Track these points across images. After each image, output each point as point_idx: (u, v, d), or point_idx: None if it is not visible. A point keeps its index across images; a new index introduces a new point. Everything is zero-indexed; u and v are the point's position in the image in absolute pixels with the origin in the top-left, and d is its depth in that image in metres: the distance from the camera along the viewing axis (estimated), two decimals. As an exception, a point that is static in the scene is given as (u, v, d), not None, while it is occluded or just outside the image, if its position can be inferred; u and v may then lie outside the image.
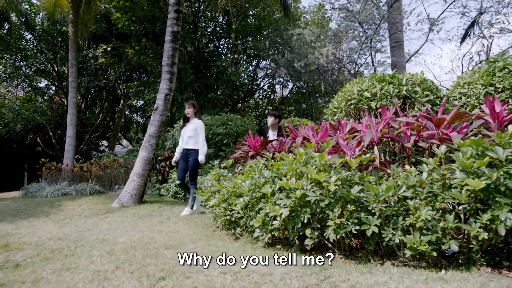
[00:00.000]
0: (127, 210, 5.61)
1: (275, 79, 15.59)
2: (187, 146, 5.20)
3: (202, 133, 5.16)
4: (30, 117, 14.26)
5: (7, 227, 4.63)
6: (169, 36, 6.41)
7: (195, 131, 5.16)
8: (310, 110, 14.05)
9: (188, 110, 5.32)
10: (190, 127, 5.24)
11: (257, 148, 4.36)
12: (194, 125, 5.20)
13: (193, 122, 5.25)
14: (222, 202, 3.47)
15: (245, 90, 15.40)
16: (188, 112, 5.32)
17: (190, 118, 5.35)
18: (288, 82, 15.68)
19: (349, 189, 2.47)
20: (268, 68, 15.43)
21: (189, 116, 5.34)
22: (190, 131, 5.20)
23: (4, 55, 14.61)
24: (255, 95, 16.37)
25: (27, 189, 9.03)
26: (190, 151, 5.16)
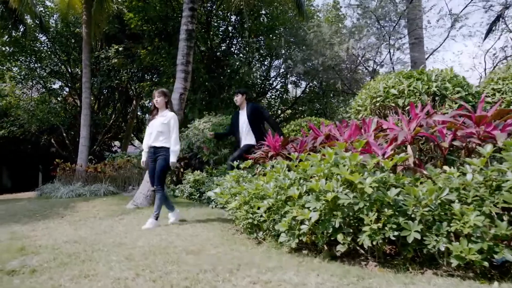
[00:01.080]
0: (142, 211, 5.51)
1: (287, 78, 15.42)
2: (156, 143, 4.33)
3: (176, 128, 4.35)
4: (44, 118, 14.37)
5: (22, 228, 4.56)
6: (184, 35, 6.30)
7: (167, 126, 4.33)
8: (324, 110, 13.80)
9: (157, 99, 4.42)
10: (160, 120, 4.36)
11: (277, 148, 4.20)
12: (166, 118, 4.35)
13: (165, 115, 4.39)
14: (243, 204, 3.31)
15: (258, 89, 15.25)
16: (158, 102, 4.42)
17: (160, 109, 4.46)
18: (300, 82, 15.49)
19: (385, 192, 2.29)
20: (280, 67, 15.26)
21: (158, 106, 4.45)
22: (160, 125, 4.33)
23: (19, 57, 14.76)
24: (267, 95, 16.21)
25: (42, 190, 9.05)
26: (159, 149, 4.31)
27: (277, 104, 16.46)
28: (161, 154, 4.28)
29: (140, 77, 15.82)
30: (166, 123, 4.33)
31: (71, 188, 8.18)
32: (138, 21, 12.07)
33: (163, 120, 4.36)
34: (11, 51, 14.41)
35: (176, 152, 4.30)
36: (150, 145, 4.38)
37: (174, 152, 4.28)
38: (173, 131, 4.32)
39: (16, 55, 14.63)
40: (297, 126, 6.52)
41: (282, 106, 16.53)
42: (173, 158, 4.26)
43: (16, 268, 2.55)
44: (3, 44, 14.16)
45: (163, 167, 4.27)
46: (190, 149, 7.43)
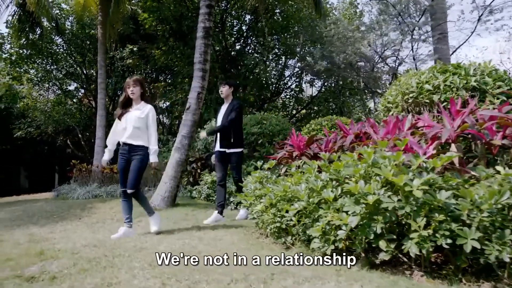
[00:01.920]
0: (160, 213, 5.34)
1: (302, 78, 15.18)
2: (131, 141, 3.72)
3: (155, 124, 3.83)
4: (60, 119, 14.49)
5: (41, 230, 4.47)
6: (201, 32, 6.15)
7: (144, 121, 3.74)
8: (341, 108, 13.51)
9: (133, 89, 3.76)
10: (136, 114, 3.75)
11: (302, 147, 4.00)
12: (144, 112, 3.77)
13: (141, 108, 3.79)
14: (269, 207, 3.12)
15: (272, 89, 15.07)
16: (133, 92, 3.76)
17: (135, 101, 3.82)
18: (315, 81, 15.23)
19: (434, 194, 2.07)
20: (295, 66, 15.04)
21: (133, 97, 3.80)
22: (136, 119, 3.72)
23: (36, 59, 14.92)
24: (282, 94, 16.01)
25: (58, 191, 9.04)
26: (136, 148, 3.70)
27: (292, 103, 16.25)
28: (137, 153, 3.72)
29: (154, 77, 15.82)
30: (144, 117, 3.76)
31: (88, 189, 8.14)
32: (152, 21, 12.04)
33: (140, 114, 3.77)
34: (29, 54, 14.57)
35: (157, 151, 3.80)
36: (124, 142, 3.78)
37: (155, 151, 3.78)
38: (152, 126, 3.79)
39: (33, 58, 14.79)
40: (318, 125, 6.31)
41: (296, 106, 16.30)
42: (154, 158, 3.77)
43: (35, 275, 2.42)
44: (20, 47, 14.32)
45: (140, 168, 3.71)
46: (207, 149, 7.29)
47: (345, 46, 8.53)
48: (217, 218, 4.49)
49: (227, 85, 4.78)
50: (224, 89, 4.76)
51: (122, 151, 3.80)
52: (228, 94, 4.76)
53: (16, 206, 7.31)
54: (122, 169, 3.80)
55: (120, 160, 3.80)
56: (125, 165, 3.78)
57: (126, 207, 3.85)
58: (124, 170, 3.78)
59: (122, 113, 3.86)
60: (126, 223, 3.81)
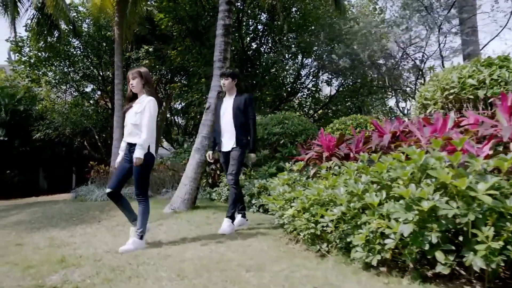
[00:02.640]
0: (180, 216, 5.21)
1: (319, 77, 14.89)
2: (130, 139, 3.34)
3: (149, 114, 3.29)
4: (78, 120, 14.58)
5: (61, 234, 4.37)
6: (221, 30, 5.97)
7: (141, 115, 3.29)
8: (360, 108, 13.16)
9: (132, 81, 3.38)
10: (134, 109, 3.35)
11: (331, 148, 3.76)
12: (141, 105, 3.32)
13: (141, 101, 3.38)
14: (302, 212, 2.91)
15: (289, 89, 14.83)
16: (133, 85, 3.38)
17: (138, 94, 3.44)
18: (332, 80, 14.91)
19: (503, 200, 1.82)
20: (312, 65, 14.76)
21: (134, 90, 3.42)
22: (134, 115, 3.32)
23: (54, 62, 15.06)
24: (298, 94, 15.74)
25: (77, 192, 9.02)
26: (134, 147, 3.26)
27: (308, 103, 15.96)
28: None
29: (169, 78, 15.79)
30: (141, 112, 3.31)
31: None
32: (168, 22, 11.96)
33: (138, 107, 3.34)
34: (47, 56, 14.71)
35: (143, 146, 3.21)
36: (125, 141, 3.44)
37: (141, 146, 3.20)
38: (145, 117, 3.27)
39: (51, 60, 14.93)
40: (342, 124, 6.05)
41: (313, 106, 16.01)
42: (138, 153, 3.17)
43: (57, 284, 2.27)
44: (39, 50, 14.48)
45: (140, 172, 3.27)
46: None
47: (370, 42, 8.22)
48: (242, 222, 4.24)
49: (230, 77, 4.19)
50: (226, 81, 4.18)
51: (126, 151, 3.41)
52: (231, 87, 4.21)
53: (35, 208, 7.29)
54: (121, 169, 3.41)
55: (125, 159, 3.42)
56: (126, 165, 3.36)
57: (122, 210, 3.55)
58: (123, 170, 3.38)
59: (127, 109, 3.52)
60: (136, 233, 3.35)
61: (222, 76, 4.31)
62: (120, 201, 3.48)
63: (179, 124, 22.11)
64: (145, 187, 3.43)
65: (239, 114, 4.08)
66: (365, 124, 5.89)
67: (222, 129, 4.19)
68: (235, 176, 4.02)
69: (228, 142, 4.11)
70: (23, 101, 14.98)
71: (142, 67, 3.59)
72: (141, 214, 3.35)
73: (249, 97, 4.18)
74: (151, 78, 3.57)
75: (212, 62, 6.22)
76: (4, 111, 13.88)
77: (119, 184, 3.42)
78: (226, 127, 4.14)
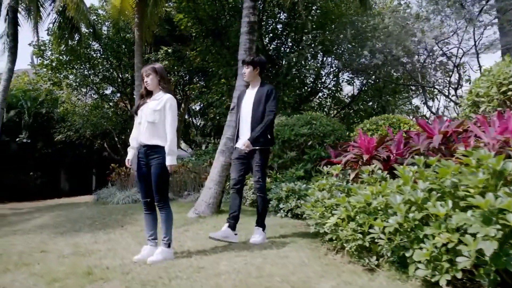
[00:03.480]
0: (205, 221, 5.01)
1: (339, 77, 14.52)
2: (147, 140, 3.06)
3: (172, 116, 3.06)
4: (98, 122, 14.69)
5: (84, 239, 4.22)
6: (245, 27, 5.75)
7: (161, 113, 3.04)
8: (383, 107, 12.71)
9: (147, 78, 3.09)
10: (151, 106, 3.07)
11: (371, 150, 3.47)
12: (160, 102, 3.06)
13: (158, 98, 3.10)
14: (347, 221, 2.63)
15: (309, 89, 14.50)
16: (148, 82, 3.09)
17: (154, 91, 3.14)
18: (354, 79, 14.50)
19: None
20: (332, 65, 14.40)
21: (150, 88, 3.13)
22: (152, 113, 3.04)
23: (74, 65, 15.23)
24: (319, 94, 15.40)
25: (98, 195, 8.97)
26: (153, 150, 3.04)
27: (328, 103, 15.59)
28: (156, 156, 3.02)
29: (188, 79, 15.72)
30: (160, 109, 3.03)
31: (127, 194, 7.97)
32: (188, 22, 11.84)
33: (156, 105, 3.05)
34: (68, 60, 14.89)
35: (173, 152, 3.01)
36: (141, 142, 3.11)
37: (172, 153, 2.98)
38: (168, 120, 3.03)
39: (72, 63, 15.10)
40: (373, 124, 5.73)
41: (333, 106, 15.63)
42: (170, 161, 2.97)
43: (85, 302, 2.07)
44: (60, 53, 14.66)
45: (159, 176, 3.00)
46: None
47: (402, 38, 7.81)
48: (226, 234, 3.50)
49: (251, 65, 3.64)
50: (247, 70, 3.67)
51: (140, 154, 3.14)
52: (253, 77, 3.69)
53: (58, 211, 7.25)
54: (141, 177, 3.15)
55: (140, 165, 3.14)
56: (144, 171, 3.12)
57: (150, 221, 3.21)
58: (144, 177, 3.13)
59: (139, 105, 3.21)
60: (150, 241, 3.18)
61: (242, 63, 3.84)
62: (152, 213, 3.22)
63: (197, 125, 22.09)
64: (166, 192, 3.17)
65: (259, 107, 3.55)
66: (398, 123, 5.55)
67: (241, 123, 3.70)
68: (261, 183, 3.58)
69: (245, 138, 3.57)
70: (45, 104, 15.21)
71: (156, 63, 3.32)
72: (164, 221, 3.09)
73: (272, 89, 3.64)
74: (166, 74, 3.29)
75: (232, 63, 6.01)
76: (27, 114, 14.10)
77: (150, 193, 3.12)
78: (245, 121, 3.64)
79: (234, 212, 3.62)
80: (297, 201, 5.15)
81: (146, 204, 3.18)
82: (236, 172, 3.67)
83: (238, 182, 3.62)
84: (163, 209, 3.09)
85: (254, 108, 3.58)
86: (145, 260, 2.94)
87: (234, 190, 3.68)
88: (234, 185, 3.66)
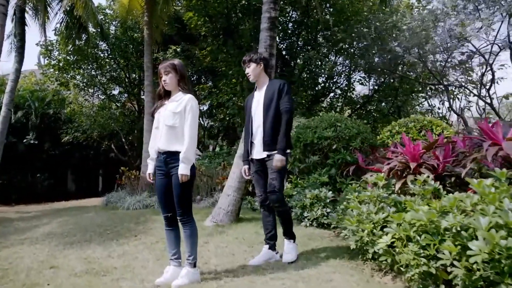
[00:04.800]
0: (225, 231, 4.67)
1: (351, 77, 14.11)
2: (166, 147, 2.71)
3: (192, 118, 2.68)
4: (105, 123, 14.44)
5: (97, 253, 3.90)
6: (266, 23, 5.39)
7: (181, 116, 2.69)
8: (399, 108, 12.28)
9: (165, 77, 2.75)
10: (170, 108, 2.72)
11: (417, 157, 3.10)
12: (180, 104, 2.71)
13: (177, 99, 2.75)
14: (404, 241, 2.27)
15: (321, 89, 14.12)
16: (167, 82, 2.75)
17: (172, 91, 2.80)
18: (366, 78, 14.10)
19: None
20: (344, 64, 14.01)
21: (168, 88, 2.78)
22: (171, 115, 2.69)
23: (82, 65, 15.00)
24: (331, 94, 15.01)
25: (107, 199, 8.66)
26: (173, 156, 2.68)
27: (340, 104, 15.19)
28: (177, 164, 2.63)
29: (196, 79, 15.41)
30: (180, 112, 2.68)
31: (138, 199, 7.65)
32: (198, 20, 11.53)
33: (176, 106, 2.70)
34: (75, 60, 14.66)
35: (188, 160, 2.60)
36: (159, 149, 2.76)
37: (186, 160, 2.59)
38: (188, 122, 2.66)
39: (79, 63, 14.88)
40: (403, 127, 5.34)
41: (345, 107, 15.22)
42: (183, 169, 2.57)
43: None
44: (67, 53, 14.44)
45: (184, 187, 2.64)
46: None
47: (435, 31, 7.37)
48: (268, 256, 3.20)
49: (253, 62, 3.21)
50: (250, 68, 3.22)
51: (158, 162, 2.78)
52: (258, 74, 3.25)
53: (66, 217, 6.93)
54: (161, 188, 2.78)
55: (158, 175, 2.79)
56: (164, 182, 2.75)
57: (172, 239, 2.84)
58: (164, 189, 2.76)
59: (156, 107, 2.87)
60: (173, 261, 2.82)
61: (243, 64, 3.33)
62: (175, 229, 2.86)
63: (204, 126, 21.78)
64: (189, 205, 2.76)
65: (271, 108, 3.09)
66: (429, 126, 5.16)
67: (254, 130, 3.24)
68: (277, 193, 3.07)
69: (261, 146, 3.15)
70: (52, 104, 14.98)
71: (175, 59, 2.92)
72: (188, 237, 2.73)
73: (283, 83, 3.17)
74: (186, 72, 2.92)
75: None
76: (35, 115, 13.87)
77: (171, 207, 2.78)
78: (258, 126, 3.20)
79: (270, 231, 3.25)
80: (323, 210, 4.80)
81: (167, 220, 2.83)
82: (260, 187, 3.27)
83: (267, 198, 3.21)
84: (187, 224, 2.72)
85: (265, 110, 3.13)
86: (169, 284, 2.59)
87: (263, 208, 3.29)
88: (262, 201, 3.26)
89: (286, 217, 3.19)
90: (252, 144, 3.27)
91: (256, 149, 3.23)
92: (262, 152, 3.15)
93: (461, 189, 2.96)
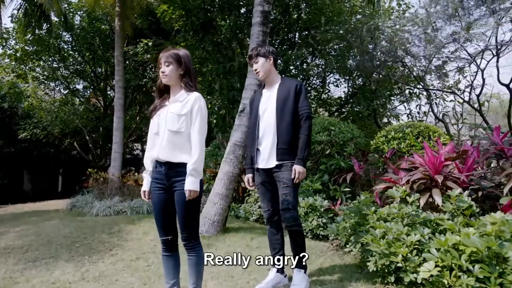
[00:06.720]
0: (213, 244, 4.23)
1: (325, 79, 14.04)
2: (169, 157, 2.21)
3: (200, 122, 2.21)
4: (68, 119, 13.38)
5: (66, 274, 3.34)
6: (258, 17, 5.00)
7: (187, 119, 2.21)
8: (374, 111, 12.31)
9: (165, 69, 2.24)
10: (173, 110, 2.24)
11: (439, 169, 2.83)
12: (186, 104, 2.23)
13: (181, 98, 2.27)
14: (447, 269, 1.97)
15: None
16: (166, 73, 2.24)
17: (172, 88, 2.32)
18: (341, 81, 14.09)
19: None
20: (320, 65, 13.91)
21: (167, 82, 2.29)
22: (174, 118, 2.22)
23: (42, 56, 13.82)
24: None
25: (72, 204, 7.84)
26: (177, 169, 2.20)
27: (315, 105, 15.08)
28: (182, 179, 2.16)
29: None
30: (186, 114, 2.21)
31: (108, 204, 6.94)
32: (172, 14, 10.87)
33: (180, 108, 2.23)
34: (35, 50, 13.47)
35: (197, 174, 2.15)
36: (158, 159, 2.26)
37: (195, 173, 2.13)
38: (196, 127, 2.19)
39: (39, 54, 13.71)
40: (399, 132, 5.14)
41: (319, 108, 15.12)
42: (191, 184, 2.10)
43: None
44: (26, 43, 13.24)
45: (191, 206, 2.17)
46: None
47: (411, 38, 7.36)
48: (278, 280, 2.80)
49: (261, 56, 2.77)
50: (258, 64, 2.78)
51: (156, 174, 2.27)
52: (269, 70, 2.80)
53: (25, 225, 6.12)
54: (160, 205, 2.26)
55: (155, 190, 2.27)
56: (163, 197, 2.25)
57: (171, 267, 2.32)
58: (163, 206, 2.26)
59: (155, 108, 2.35)
60: None
61: (249, 59, 2.87)
62: (174, 255, 2.34)
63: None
64: (196, 227, 2.27)
65: (285, 111, 2.68)
66: (427, 132, 5.00)
67: (261, 135, 2.80)
68: (292, 210, 2.65)
69: (270, 154, 2.74)
70: (8, 98, 13.67)
71: (181, 48, 2.38)
72: (194, 265, 2.23)
73: (300, 84, 2.76)
74: (192, 65, 2.34)
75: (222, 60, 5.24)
76: (-14, 109, 12.58)
77: (172, 229, 2.30)
78: (268, 131, 2.76)
79: (278, 252, 2.82)
80: (318, 220, 4.49)
81: (166, 244, 2.29)
82: (267, 200, 2.84)
83: (274, 213, 2.81)
84: (194, 250, 2.23)
85: (279, 113, 2.70)
86: None
87: (271, 224, 2.87)
88: (269, 217, 2.85)
89: (300, 239, 2.75)
90: (258, 151, 2.83)
91: (262, 157, 2.79)
92: (271, 161, 2.74)
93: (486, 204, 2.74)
